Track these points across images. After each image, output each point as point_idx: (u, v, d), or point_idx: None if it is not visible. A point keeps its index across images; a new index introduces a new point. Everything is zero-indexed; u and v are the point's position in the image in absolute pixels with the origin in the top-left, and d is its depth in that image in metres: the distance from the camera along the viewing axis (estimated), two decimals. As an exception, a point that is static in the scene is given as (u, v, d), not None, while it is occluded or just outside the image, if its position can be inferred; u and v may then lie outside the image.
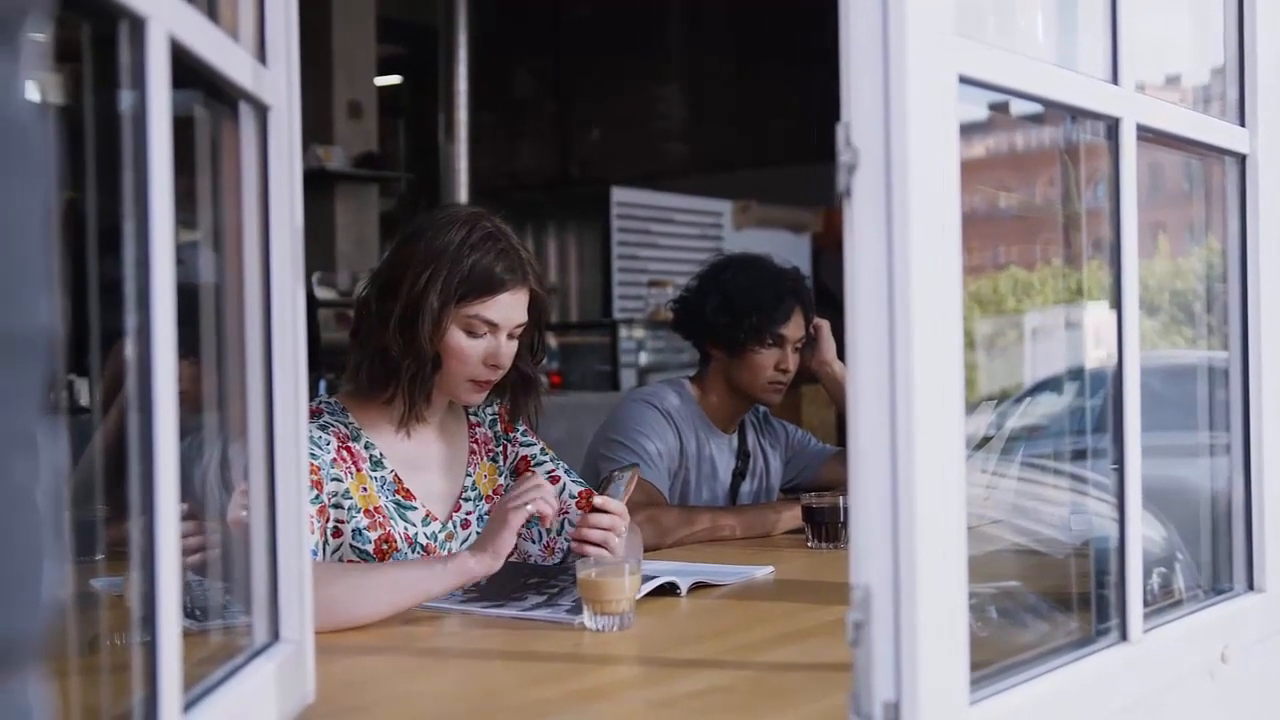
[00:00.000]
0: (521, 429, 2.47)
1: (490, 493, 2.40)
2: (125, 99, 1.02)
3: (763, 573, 2.39)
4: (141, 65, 1.00)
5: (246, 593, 1.39)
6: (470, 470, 2.39)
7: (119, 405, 1.63)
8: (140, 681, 1.03)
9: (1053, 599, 1.71)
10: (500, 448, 2.45)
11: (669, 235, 8.41)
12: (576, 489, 2.41)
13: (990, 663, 1.35)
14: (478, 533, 2.32)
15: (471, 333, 2.23)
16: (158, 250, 1.01)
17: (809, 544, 2.72)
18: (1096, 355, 1.94)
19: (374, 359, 2.24)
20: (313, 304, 4.43)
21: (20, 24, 0.58)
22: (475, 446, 2.41)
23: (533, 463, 2.44)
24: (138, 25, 1.00)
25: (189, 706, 1.11)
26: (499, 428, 2.46)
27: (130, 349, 1.01)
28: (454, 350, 2.23)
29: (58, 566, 0.60)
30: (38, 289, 0.56)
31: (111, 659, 1.33)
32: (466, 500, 2.37)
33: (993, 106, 1.49)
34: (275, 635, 1.39)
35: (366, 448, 2.26)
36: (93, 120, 1.04)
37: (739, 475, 3.18)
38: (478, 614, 2.02)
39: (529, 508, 2.04)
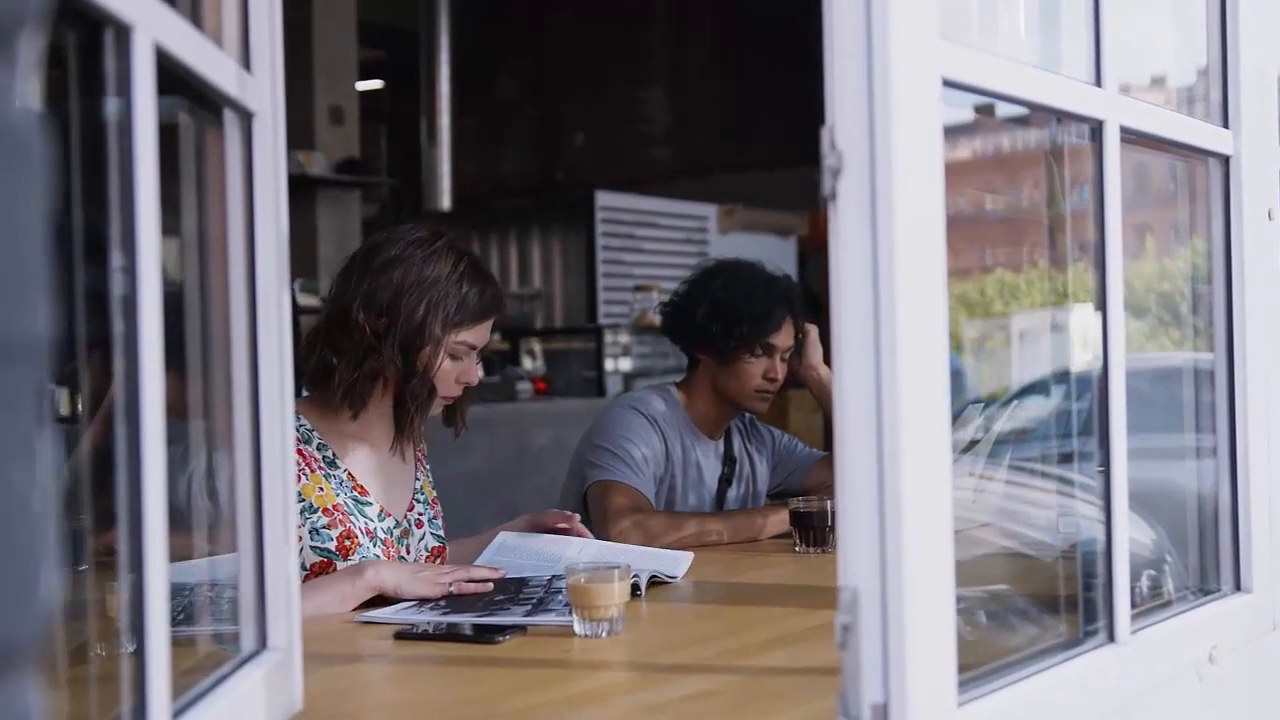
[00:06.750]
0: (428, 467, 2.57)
1: (431, 500, 2.51)
2: (110, 106, 1.01)
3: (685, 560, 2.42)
4: (127, 72, 1.00)
5: (234, 601, 1.38)
6: (418, 476, 2.50)
7: (103, 414, 1.63)
8: (128, 690, 1.03)
9: (1041, 601, 1.71)
10: (428, 466, 2.56)
11: (654, 240, 8.40)
12: (433, 543, 2.47)
13: (979, 664, 1.35)
14: (431, 533, 2.46)
15: (454, 357, 2.34)
16: (144, 258, 1.01)
17: (796, 548, 2.72)
18: (1083, 358, 1.94)
19: (368, 379, 2.29)
20: (295, 311, 4.46)
21: (17, 33, 0.58)
22: (420, 456, 2.52)
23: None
24: (123, 32, 0.99)
25: (177, 714, 1.10)
26: (424, 448, 2.57)
27: (117, 358, 1.01)
28: (440, 374, 2.33)
29: (54, 571, 0.60)
30: (37, 295, 0.57)
31: (95, 669, 1.33)
32: (418, 502, 2.47)
33: (978, 109, 1.49)
34: (263, 643, 1.38)
35: (319, 449, 2.32)
36: (77, 127, 1.04)
37: (725, 481, 3.18)
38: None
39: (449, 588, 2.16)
